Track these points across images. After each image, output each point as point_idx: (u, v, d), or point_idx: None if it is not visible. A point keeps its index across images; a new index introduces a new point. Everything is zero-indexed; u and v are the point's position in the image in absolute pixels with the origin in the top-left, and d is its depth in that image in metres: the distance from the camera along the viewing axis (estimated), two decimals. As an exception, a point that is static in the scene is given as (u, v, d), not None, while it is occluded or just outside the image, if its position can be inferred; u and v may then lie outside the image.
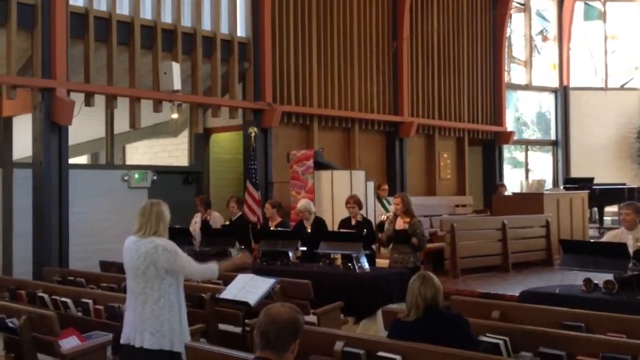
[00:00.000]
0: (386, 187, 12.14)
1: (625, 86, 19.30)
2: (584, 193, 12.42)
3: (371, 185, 10.98)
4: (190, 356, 3.95)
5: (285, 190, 11.15)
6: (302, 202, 8.72)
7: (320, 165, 10.77)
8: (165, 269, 4.21)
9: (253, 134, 10.96)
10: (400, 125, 14.04)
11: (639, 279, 5.67)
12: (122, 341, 4.40)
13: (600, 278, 5.91)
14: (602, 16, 19.29)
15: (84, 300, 5.95)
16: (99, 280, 7.23)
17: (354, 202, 8.18)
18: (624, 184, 15.67)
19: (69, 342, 4.98)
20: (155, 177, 10.72)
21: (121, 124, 10.67)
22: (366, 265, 7.22)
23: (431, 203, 13.99)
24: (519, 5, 18.50)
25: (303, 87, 12.21)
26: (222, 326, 5.96)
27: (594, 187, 14.26)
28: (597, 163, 17.94)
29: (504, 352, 4.20)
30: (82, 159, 12.31)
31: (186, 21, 10.67)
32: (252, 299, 4.97)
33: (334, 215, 9.76)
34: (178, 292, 4.34)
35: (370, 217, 9.63)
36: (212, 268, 4.57)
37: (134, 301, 4.29)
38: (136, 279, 4.26)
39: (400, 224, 7.62)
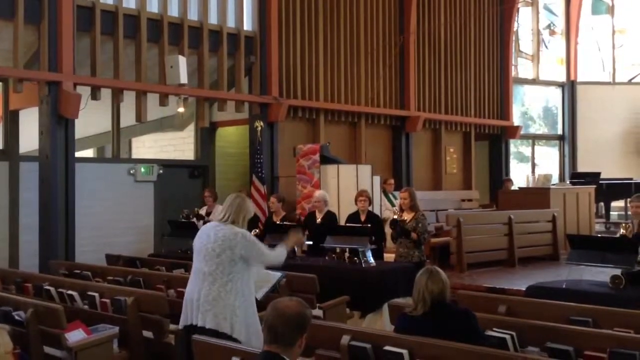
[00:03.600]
0: (392, 181, 12.13)
1: (633, 81, 19.18)
2: (591, 188, 12.37)
3: (377, 179, 10.97)
4: (196, 349, 3.95)
5: (291, 184, 11.15)
6: (320, 192, 8.77)
7: (326, 160, 10.76)
8: (241, 255, 4.44)
9: (259, 128, 10.95)
10: (407, 119, 14.01)
11: (647, 274, 5.65)
12: (181, 324, 4.55)
13: (607, 273, 5.89)
14: (610, 10, 19.17)
15: (90, 293, 5.96)
16: (105, 273, 7.24)
17: (366, 196, 8.17)
18: (631, 179, 15.59)
19: (75, 335, 4.99)
20: (161, 171, 10.73)
21: (127, 118, 10.68)
22: (372, 260, 7.22)
23: (437, 197, 13.98)
24: (526, 0, 18.41)
25: (309, 81, 12.19)
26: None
27: (601, 181, 14.21)
28: (604, 158, 17.86)
29: (511, 347, 4.19)
30: (89, 153, 12.33)
31: (193, 15, 10.66)
32: (258, 293, 4.98)
33: (340, 209, 9.75)
34: (248, 282, 4.52)
35: (376, 212, 9.62)
36: (283, 252, 4.87)
37: (200, 281, 4.45)
38: (209, 260, 4.45)
39: (405, 218, 7.60)
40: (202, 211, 9.72)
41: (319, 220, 8.39)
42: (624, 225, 6.15)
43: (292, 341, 2.82)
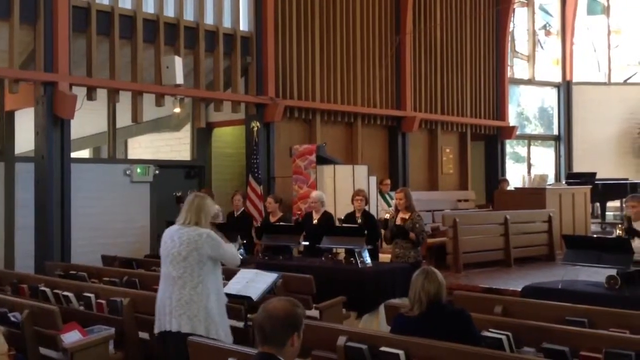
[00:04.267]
0: (389, 181, 12.14)
1: (629, 81, 19.23)
2: (586, 188, 12.40)
3: (374, 180, 10.97)
4: (192, 351, 3.95)
5: (287, 184, 11.15)
6: (317, 193, 8.79)
7: (322, 160, 10.76)
8: (208, 255, 4.44)
9: (255, 129, 10.94)
10: (403, 119, 14.01)
11: (642, 275, 5.67)
12: (156, 330, 4.52)
13: (603, 273, 5.90)
14: (606, 10, 19.22)
15: (86, 294, 5.95)
16: (101, 274, 7.23)
17: (363, 195, 8.19)
18: (627, 179, 15.64)
19: (71, 337, 4.98)
20: (157, 172, 10.71)
21: (123, 118, 10.66)
22: (368, 260, 7.22)
23: (433, 198, 13.99)
24: (522, 0, 18.44)
25: (305, 81, 12.18)
26: (224, 321, 5.95)
27: (597, 182, 14.24)
28: (600, 158, 17.90)
29: (507, 348, 4.19)
30: (85, 153, 12.30)
31: (189, 15, 10.65)
32: (255, 293, 4.98)
33: (336, 210, 9.74)
34: (217, 281, 4.53)
35: (373, 212, 9.62)
36: (237, 254, 4.95)
37: (170, 286, 4.43)
38: (176, 265, 4.44)
39: (401, 219, 7.61)
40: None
41: (315, 220, 8.40)
42: (619, 226, 6.15)
43: (282, 341, 2.82)
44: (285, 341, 2.82)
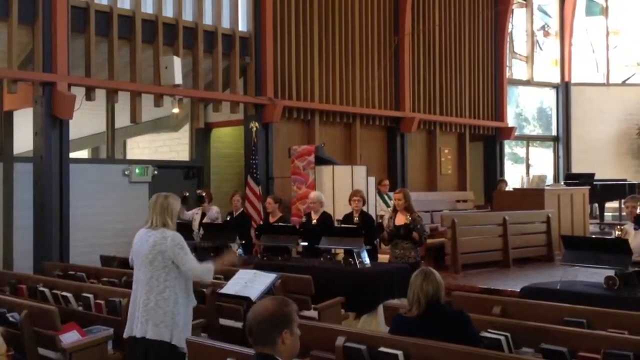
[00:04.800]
0: (387, 182, 12.13)
1: (627, 82, 19.26)
2: (585, 189, 12.40)
3: (372, 180, 10.97)
4: (191, 351, 3.95)
5: (286, 185, 11.15)
6: (316, 193, 8.80)
7: (321, 161, 10.76)
8: (171, 259, 4.32)
9: (254, 129, 10.95)
10: (402, 120, 14.02)
11: (640, 275, 5.68)
12: (125, 335, 4.43)
13: (601, 274, 5.91)
14: (604, 11, 19.25)
15: (84, 294, 5.94)
16: (99, 274, 7.23)
17: (360, 196, 8.20)
18: (625, 180, 15.65)
19: (70, 337, 4.98)
20: (156, 172, 10.71)
21: (122, 119, 10.65)
22: (367, 261, 7.23)
23: (432, 198, 13.99)
24: (520, 1, 18.47)
25: (304, 82, 12.18)
26: (222, 321, 5.96)
27: (595, 182, 14.25)
28: (598, 159, 17.92)
29: (505, 348, 4.20)
30: (83, 154, 12.31)
31: (187, 15, 10.65)
32: (254, 294, 4.98)
33: (334, 210, 9.75)
34: (185, 286, 4.40)
35: (371, 213, 9.62)
36: (209, 270, 4.60)
37: (138, 291, 4.35)
38: (143, 269, 4.35)
39: (400, 219, 7.60)
40: (198, 211, 9.72)
41: (314, 221, 8.40)
42: (618, 227, 6.16)
43: (272, 340, 2.84)
44: (275, 340, 2.84)
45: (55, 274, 7.52)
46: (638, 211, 6.29)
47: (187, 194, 9.69)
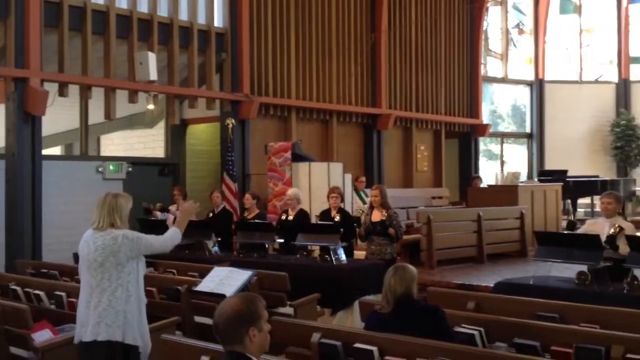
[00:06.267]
0: (364, 179, 12.15)
1: (600, 79, 19.53)
2: (558, 185, 12.56)
3: (349, 177, 11.00)
4: (165, 349, 3.92)
5: (262, 182, 11.12)
6: (293, 190, 8.77)
7: (298, 157, 10.75)
8: (128, 257, 4.17)
9: (230, 126, 10.90)
10: (378, 117, 14.07)
11: (611, 270, 5.75)
12: (74, 341, 4.32)
13: (574, 269, 5.98)
14: (578, 10, 19.48)
15: (57, 293, 5.88)
16: (72, 272, 7.13)
17: (338, 192, 8.20)
18: (597, 176, 15.88)
19: (42, 335, 4.92)
20: (130, 169, 10.61)
21: (96, 115, 10.54)
22: (343, 257, 7.24)
23: (408, 195, 14.07)
24: (495, -1, 18.63)
25: (281, 78, 12.16)
26: (197, 319, 5.93)
27: (568, 179, 14.43)
28: (571, 156, 18.15)
29: (479, 343, 4.23)
30: (56, 150, 12.15)
31: (163, 11, 10.56)
32: (229, 291, 4.97)
33: (311, 207, 9.75)
34: (137, 283, 4.27)
35: (348, 209, 9.64)
36: (175, 232, 4.51)
37: (88, 295, 4.22)
38: (93, 272, 4.20)
39: (377, 216, 7.64)
40: (173, 208, 9.65)
41: (290, 217, 8.40)
42: (615, 225, 6.12)
43: (238, 338, 2.82)
44: (242, 338, 2.82)
45: (27, 272, 7.43)
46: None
47: (146, 204, 9.52)
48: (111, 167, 10.36)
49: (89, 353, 4.18)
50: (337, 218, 8.01)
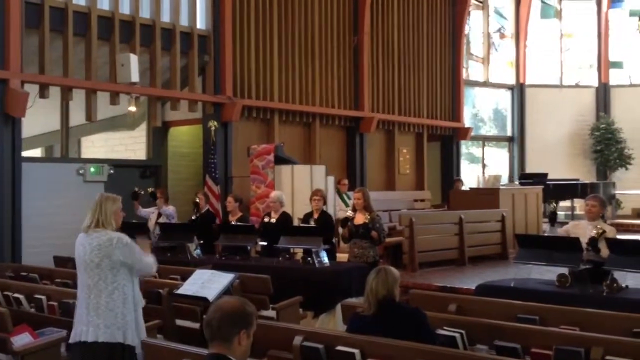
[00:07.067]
0: (346, 182, 12.19)
1: (580, 84, 19.73)
2: (539, 188, 12.66)
3: (331, 180, 11.00)
4: (146, 352, 3.91)
5: (245, 184, 11.09)
6: (276, 193, 8.77)
7: (280, 160, 10.75)
8: (120, 261, 4.22)
9: (213, 128, 10.87)
10: (361, 120, 14.10)
11: (591, 273, 5.81)
12: (71, 340, 4.33)
13: (554, 272, 6.04)
14: (558, 14, 19.67)
15: (37, 296, 5.83)
16: (52, 275, 7.09)
17: (320, 195, 8.20)
18: (577, 180, 16.04)
19: (22, 339, 4.87)
20: (112, 171, 10.53)
21: (77, 117, 10.46)
22: (326, 260, 7.24)
23: (390, 198, 14.11)
24: (477, 3, 18.74)
25: (264, 81, 12.15)
26: (179, 322, 5.91)
27: (548, 182, 14.56)
28: (552, 159, 18.31)
29: (460, 345, 4.26)
30: (36, 152, 12.01)
31: (145, 12, 10.51)
32: (211, 294, 4.94)
33: (294, 210, 9.75)
34: (133, 286, 4.33)
35: (330, 212, 9.65)
36: (152, 261, 4.55)
37: (87, 295, 4.26)
38: (90, 272, 4.24)
39: (359, 218, 7.64)
40: (154, 210, 9.61)
41: (273, 220, 8.38)
42: (598, 227, 6.15)
43: (229, 337, 2.81)
44: (233, 338, 2.81)
45: (7, 275, 7.35)
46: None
47: (138, 189, 9.58)
48: (92, 169, 10.27)
49: (90, 353, 4.21)
50: (316, 218, 8.01)
